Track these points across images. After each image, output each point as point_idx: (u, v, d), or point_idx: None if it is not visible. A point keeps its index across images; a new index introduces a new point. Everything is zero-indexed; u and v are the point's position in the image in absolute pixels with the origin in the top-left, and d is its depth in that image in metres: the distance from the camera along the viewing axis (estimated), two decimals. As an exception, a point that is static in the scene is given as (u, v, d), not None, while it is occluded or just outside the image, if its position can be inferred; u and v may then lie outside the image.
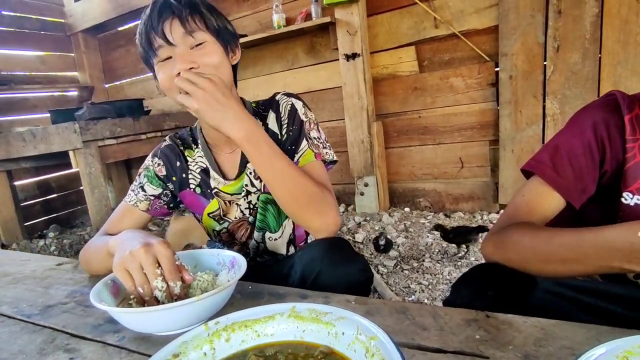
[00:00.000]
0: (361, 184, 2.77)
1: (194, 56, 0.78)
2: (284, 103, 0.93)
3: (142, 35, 0.80)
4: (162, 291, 0.61)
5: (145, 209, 0.94)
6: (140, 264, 0.61)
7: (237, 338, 0.49)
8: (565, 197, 0.68)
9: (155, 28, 0.77)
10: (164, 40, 0.77)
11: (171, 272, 0.62)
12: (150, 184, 0.95)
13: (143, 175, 0.96)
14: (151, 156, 0.98)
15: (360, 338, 0.43)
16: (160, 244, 0.63)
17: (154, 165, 0.96)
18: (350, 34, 2.58)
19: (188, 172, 0.96)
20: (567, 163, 0.68)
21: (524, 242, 0.64)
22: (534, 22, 2.19)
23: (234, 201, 0.95)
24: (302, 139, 0.89)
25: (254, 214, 0.96)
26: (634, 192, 0.66)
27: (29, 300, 0.82)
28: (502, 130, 2.40)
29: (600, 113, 0.68)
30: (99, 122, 2.50)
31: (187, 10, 0.78)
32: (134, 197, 0.95)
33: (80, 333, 0.66)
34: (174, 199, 0.98)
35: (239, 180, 0.93)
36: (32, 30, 3.67)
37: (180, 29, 0.77)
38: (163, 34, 0.77)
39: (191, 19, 0.78)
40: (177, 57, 0.77)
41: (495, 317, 0.57)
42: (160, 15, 0.77)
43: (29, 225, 3.33)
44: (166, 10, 0.77)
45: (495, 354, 0.49)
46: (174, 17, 0.77)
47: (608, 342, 0.37)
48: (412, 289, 1.77)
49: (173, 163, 0.96)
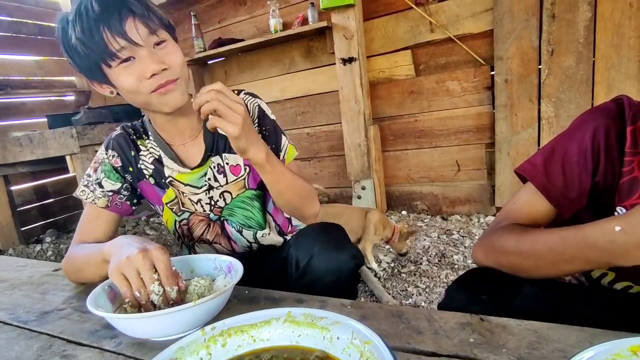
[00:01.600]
0: (358, 187, 2.78)
1: (160, 56, 0.76)
2: (250, 104, 0.92)
3: (86, 39, 0.72)
4: (159, 295, 0.61)
5: (104, 206, 0.90)
6: (137, 269, 0.61)
7: (233, 343, 0.49)
8: (553, 204, 0.67)
9: (116, 28, 0.71)
10: (127, 41, 0.72)
11: (168, 277, 0.62)
12: (108, 179, 0.91)
13: (100, 170, 0.92)
14: (104, 148, 0.94)
15: (355, 342, 0.43)
16: (157, 250, 0.64)
17: (109, 158, 0.92)
18: (346, 38, 2.60)
19: (140, 161, 0.93)
20: (560, 170, 0.67)
21: (510, 247, 0.64)
22: (528, 26, 2.21)
23: (187, 195, 0.93)
24: (281, 136, 0.93)
25: (216, 211, 0.95)
26: (628, 207, 0.63)
27: (26, 306, 0.82)
28: (498, 133, 2.41)
29: (603, 119, 0.65)
30: (96, 126, 2.50)
31: (142, 6, 0.74)
32: (89, 194, 0.90)
33: (77, 339, 0.66)
34: (134, 193, 0.95)
35: (197, 170, 0.91)
36: (29, 35, 3.68)
37: (145, 29, 0.74)
38: (127, 33, 0.72)
39: (148, 17, 0.75)
40: (144, 58, 0.74)
41: (489, 320, 0.58)
42: (118, 13, 0.72)
43: (26, 230, 3.31)
44: (122, 8, 0.72)
45: (489, 357, 0.50)
46: (135, 16, 0.73)
47: (597, 345, 0.37)
48: (409, 292, 1.78)
49: (127, 152, 0.93)
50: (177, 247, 2.87)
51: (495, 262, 0.68)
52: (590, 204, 0.67)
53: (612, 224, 0.52)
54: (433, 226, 2.53)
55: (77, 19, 0.72)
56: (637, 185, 0.62)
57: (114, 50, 0.73)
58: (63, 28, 0.75)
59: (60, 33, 0.76)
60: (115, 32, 0.72)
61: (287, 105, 3.13)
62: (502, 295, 0.64)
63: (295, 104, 3.10)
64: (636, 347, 0.37)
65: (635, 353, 0.37)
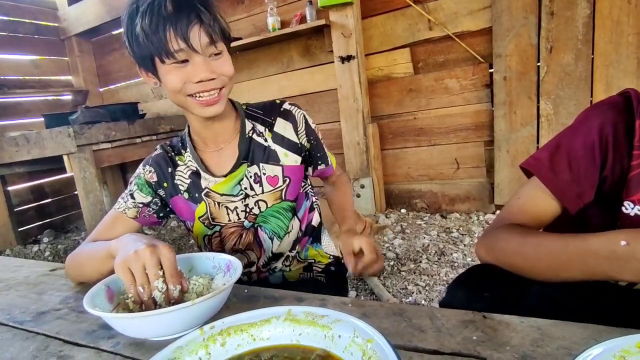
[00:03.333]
0: (357, 185, 2.77)
1: (212, 65, 0.78)
2: (297, 114, 0.96)
3: (150, 32, 0.74)
4: (162, 292, 0.61)
5: (133, 217, 0.93)
6: (143, 264, 0.61)
7: (232, 342, 0.48)
8: (559, 199, 0.66)
9: (181, 31, 0.73)
10: (187, 46, 0.74)
11: (173, 275, 0.62)
12: (140, 192, 0.94)
13: (134, 183, 0.95)
14: (142, 165, 0.98)
15: (356, 341, 0.42)
16: (165, 247, 0.64)
17: (145, 173, 0.95)
18: (345, 37, 2.59)
19: (177, 177, 0.95)
20: (566, 164, 0.66)
21: (513, 247, 0.64)
22: (527, 23, 2.21)
23: (224, 203, 0.94)
24: (323, 145, 1.01)
25: (250, 219, 0.95)
26: (636, 202, 0.63)
27: (22, 306, 0.81)
28: (497, 131, 2.41)
29: (611, 113, 0.64)
30: (94, 126, 2.49)
31: (211, 16, 0.76)
32: (123, 204, 0.93)
33: (74, 339, 0.65)
34: (163, 208, 0.97)
35: (230, 178, 0.92)
36: (26, 34, 3.66)
37: (207, 38, 0.75)
38: (190, 39, 0.74)
39: (214, 27, 0.76)
40: (198, 64, 0.76)
41: (492, 317, 0.57)
42: (187, 17, 0.73)
43: (23, 231, 3.29)
44: (191, 13, 0.74)
45: (493, 354, 0.49)
46: (201, 25, 0.75)
47: (605, 341, 0.37)
48: (409, 290, 1.77)
49: (164, 169, 0.95)
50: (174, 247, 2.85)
51: (496, 260, 0.67)
52: (597, 198, 0.66)
53: (619, 236, 0.52)
54: (432, 224, 2.52)
55: (147, 10, 0.73)
56: None
57: (172, 50, 0.74)
58: (130, 14, 0.76)
59: (126, 18, 0.77)
60: (179, 35, 0.73)
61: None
62: (505, 293, 0.63)
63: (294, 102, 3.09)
64: (644, 343, 0.37)
65: (643, 350, 0.36)
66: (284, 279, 1.02)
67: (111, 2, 3.50)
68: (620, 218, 0.65)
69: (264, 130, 0.94)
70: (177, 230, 3.17)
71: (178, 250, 2.71)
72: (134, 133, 2.76)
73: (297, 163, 0.95)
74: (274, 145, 0.93)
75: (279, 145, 0.94)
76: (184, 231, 3.12)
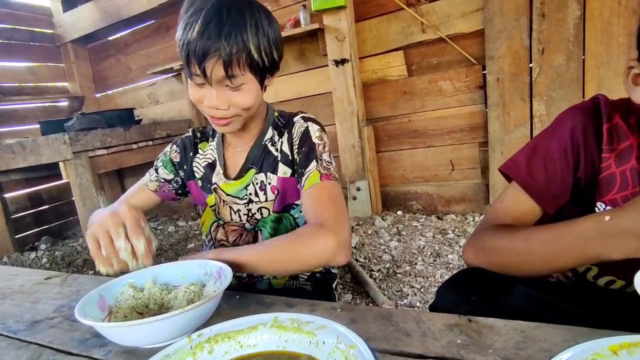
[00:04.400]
0: (353, 188, 2.79)
1: (227, 95, 0.79)
2: (298, 126, 0.92)
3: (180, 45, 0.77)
4: (126, 251, 0.64)
5: (154, 189, 1.01)
6: (107, 229, 0.64)
7: (220, 350, 0.49)
8: (536, 201, 0.68)
9: (198, 59, 0.74)
10: (202, 75, 0.76)
11: (134, 229, 0.65)
12: (164, 168, 1.01)
13: (160, 159, 1.03)
14: (172, 144, 1.05)
15: (340, 347, 0.43)
16: (126, 209, 0.67)
17: (171, 152, 1.02)
18: (339, 40, 2.61)
19: (194, 163, 1.01)
20: (542, 167, 0.68)
21: (502, 245, 0.65)
22: (518, 25, 2.23)
23: (229, 203, 0.96)
24: (312, 160, 0.85)
25: (252, 222, 0.97)
26: (607, 202, 0.65)
27: (16, 315, 0.82)
28: (491, 132, 2.43)
29: (581, 117, 0.67)
30: (89, 132, 2.49)
31: (235, 51, 0.73)
32: (147, 177, 1.02)
33: (67, 348, 0.65)
34: (183, 187, 1.04)
35: (238, 182, 0.94)
36: (21, 41, 3.66)
37: (222, 73, 0.75)
38: (204, 70, 0.75)
39: (236, 63, 0.75)
40: (211, 91, 0.78)
41: (477, 321, 0.58)
42: (206, 47, 0.72)
43: (20, 238, 3.29)
44: (213, 45, 0.72)
45: (476, 358, 0.50)
46: (219, 58, 0.73)
47: (576, 345, 0.38)
48: (404, 292, 1.78)
49: (187, 153, 1.01)
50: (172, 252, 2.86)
51: (485, 262, 0.68)
52: (573, 199, 0.68)
53: (603, 214, 0.53)
54: (428, 226, 2.53)
55: (185, 24, 0.75)
56: (614, 181, 0.64)
57: (191, 72, 0.77)
58: (181, 18, 0.77)
59: (180, 20, 0.78)
60: (196, 62, 0.74)
61: (280, 107, 3.13)
62: (492, 295, 0.64)
63: (289, 106, 3.10)
64: (616, 346, 0.38)
65: (616, 352, 0.37)
66: (270, 285, 1.02)
67: (106, 9, 3.51)
68: None
69: (277, 140, 0.94)
70: (175, 236, 3.18)
71: (175, 255, 2.72)
72: (130, 139, 2.77)
73: (287, 175, 0.93)
74: (280, 156, 0.94)
75: (280, 155, 0.94)
76: (181, 236, 3.13)
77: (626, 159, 0.63)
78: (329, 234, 0.73)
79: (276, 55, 0.84)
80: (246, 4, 0.77)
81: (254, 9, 0.78)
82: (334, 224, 0.74)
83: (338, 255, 0.73)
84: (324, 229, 0.74)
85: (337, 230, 0.73)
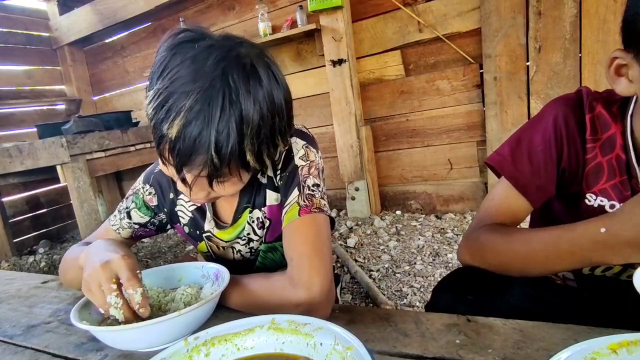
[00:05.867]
0: (352, 188, 2.78)
1: (208, 188, 0.65)
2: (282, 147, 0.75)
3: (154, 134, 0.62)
4: (118, 308, 0.59)
5: (127, 237, 0.87)
6: (98, 282, 0.60)
7: (217, 353, 0.49)
8: (521, 193, 0.68)
9: (176, 162, 0.60)
10: (177, 175, 0.63)
11: (129, 279, 0.59)
12: (137, 211, 0.86)
13: (132, 200, 0.87)
14: (143, 181, 0.88)
15: (337, 348, 0.43)
16: (119, 258, 0.61)
17: (145, 193, 0.87)
18: (335, 40, 2.60)
19: (178, 205, 0.86)
20: (526, 158, 0.68)
21: (500, 246, 0.65)
22: (515, 24, 2.23)
23: (228, 247, 0.88)
24: (294, 189, 0.74)
25: (256, 254, 0.90)
26: (597, 193, 0.65)
27: (13, 320, 0.81)
28: (489, 130, 2.42)
29: (563, 108, 0.67)
30: (87, 135, 2.48)
31: (227, 159, 0.59)
32: (117, 222, 0.87)
33: (63, 353, 0.65)
34: (164, 226, 0.91)
35: (235, 227, 0.84)
36: (18, 44, 3.65)
37: (205, 181, 0.63)
38: (183, 175, 0.63)
39: (226, 169, 0.62)
40: (186, 187, 0.66)
41: (475, 321, 0.58)
42: (188, 150, 0.58)
43: (19, 242, 3.28)
44: (200, 149, 0.58)
45: (475, 358, 0.50)
46: (204, 167, 0.59)
47: (575, 344, 0.37)
48: (404, 292, 1.78)
49: (165, 194, 0.86)
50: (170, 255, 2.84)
51: (482, 262, 0.68)
52: (560, 193, 0.68)
53: (598, 224, 0.53)
54: (427, 225, 2.53)
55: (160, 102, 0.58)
56: (602, 171, 0.64)
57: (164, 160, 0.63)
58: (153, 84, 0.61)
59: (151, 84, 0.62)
60: (173, 163, 0.61)
61: (278, 108, 3.12)
62: (489, 294, 0.64)
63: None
64: (616, 345, 0.37)
65: (615, 351, 0.37)
66: None
67: (103, 11, 3.50)
68: (585, 211, 0.67)
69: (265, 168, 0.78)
70: (174, 238, 3.17)
71: (174, 258, 2.71)
72: (128, 141, 2.76)
73: (276, 202, 0.81)
74: (266, 181, 0.81)
75: (267, 181, 0.81)
76: (179, 238, 3.12)
77: (611, 147, 0.63)
78: (299, 292, 0.63)
79: (282, 147, 0.69)
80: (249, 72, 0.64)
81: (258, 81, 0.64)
82: (307, 278, 0.63)
83: (312, 312, 0.60)
84: (293, 284, 0.64)
85: (311, 286, 0.62)
